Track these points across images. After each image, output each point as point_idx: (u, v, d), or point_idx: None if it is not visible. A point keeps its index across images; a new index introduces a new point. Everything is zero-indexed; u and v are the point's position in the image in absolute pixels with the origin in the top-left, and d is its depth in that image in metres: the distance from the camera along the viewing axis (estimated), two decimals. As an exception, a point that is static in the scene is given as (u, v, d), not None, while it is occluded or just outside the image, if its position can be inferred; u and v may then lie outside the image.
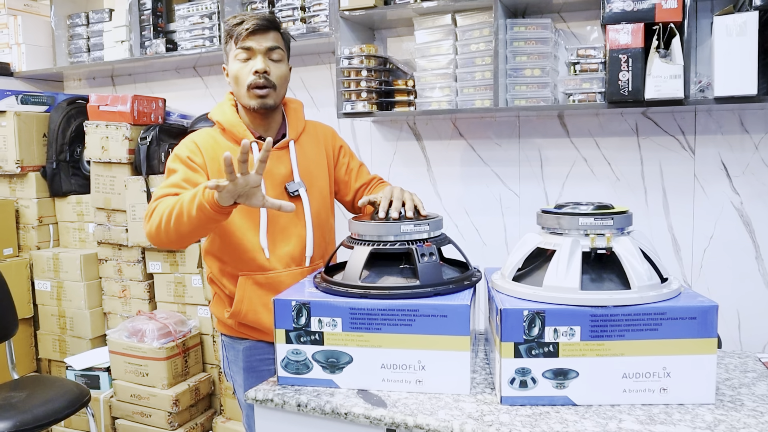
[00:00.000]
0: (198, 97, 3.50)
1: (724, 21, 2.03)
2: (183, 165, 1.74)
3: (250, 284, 1.79)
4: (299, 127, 1.91)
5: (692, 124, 2.44)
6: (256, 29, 1.73)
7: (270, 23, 1.76)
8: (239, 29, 1.73)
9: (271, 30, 1.77)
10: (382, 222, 1.51)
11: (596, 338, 1.26)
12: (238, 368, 1.90)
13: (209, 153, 1.77)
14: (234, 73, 1.77)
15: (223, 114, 1.85)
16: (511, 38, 2.43)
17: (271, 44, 1.76)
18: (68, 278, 3.30)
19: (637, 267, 1.29)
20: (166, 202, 1.61)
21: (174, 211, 1.55)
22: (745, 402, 1.29)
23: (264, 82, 1.74)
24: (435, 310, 1.33)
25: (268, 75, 1.75)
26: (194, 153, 1.76)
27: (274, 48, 1.76)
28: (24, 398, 2.51)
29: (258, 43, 1.74)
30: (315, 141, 1.94)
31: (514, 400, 1.29)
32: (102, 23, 3.55)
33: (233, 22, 1.76)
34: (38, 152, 3.41)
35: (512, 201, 2.77)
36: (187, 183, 1.69)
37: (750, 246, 2.40)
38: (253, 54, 1.75)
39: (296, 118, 1.92)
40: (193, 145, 1.78)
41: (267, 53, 1.76)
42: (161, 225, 1.58)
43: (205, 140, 1.80)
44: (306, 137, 1.92)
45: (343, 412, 1.30)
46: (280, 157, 1.83)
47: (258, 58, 1.74)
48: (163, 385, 2.91)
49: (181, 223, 1.54)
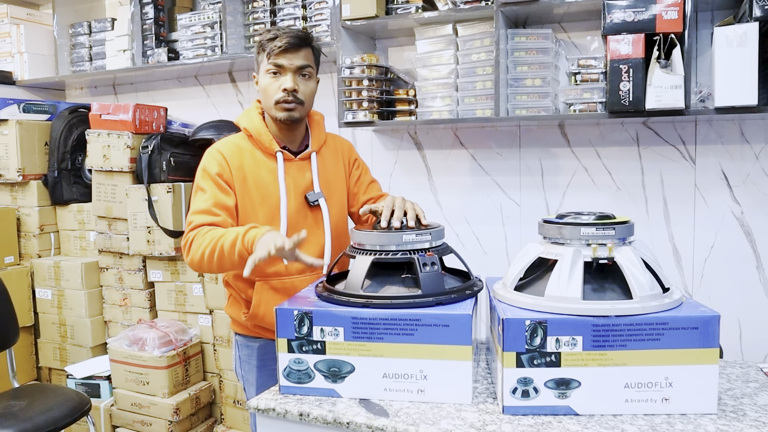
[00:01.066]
0: (199, 106, 3.51)
1: (725, 32, 2.04)
2: (213, 184, 1.80)
3: (267, 289, 1.84)
4: (321, 140, 1.96)
5: (693, 134, 2.45)
6: (289, 47, 1.77)
7: (302, 41, 1.80)
8: (272, 45, 1.77)
9: (303, 47, 1.81)
10: (384, 231, 1.51)
11: (598, 348, 1.26)
12: (251, 366, 1.94)
13: (235, 163, 1.82)
14: (264, 86, 1.82)
15: (251, 121, 1.89)
16: (512, 48, 2.43)
17: (301, 63, 1.80)
18: (69, 286, 3.30)
19: (639, 277, 1.29)
20: (203, 238, 1.70)
21: (216, 254, 1.66)
22: (747, 412, 1.29)
23: (292, 99, 1.80)
24: (437, 319, 1.33)
25: (297, 93, 1.80)
26: (222, 167, 1.81)
27: (304, 66, 1.81)
28: (24, 407, 2.50)
29: (289, 60, 1.78)
30: (334, 153, 2.00)
31: (516, 410, 1.29)
32: (104, 32, 3.56)
33: (267, 37, 1.80)
34: (40, 161, 3.42)
35: (513, 210, 2.78)
36: (217, 207, 1.77)
37: (751, 256, 2.40)
38: (283, 71, 1.79)
39: (319, 131, 1.97)
40: (220, 156, 1.83)
41: (297, 71, 1.80)
42: (203, 261, 1.69)
43: (231, 150, 1.85)
44: (326, 149, 1.98)
45: (345, 421, 1.30)
46: (302, 167, 1.89)
47: (288, 76, 1.79)
48: (163, 393, 2.90)
49: (223, 264, 1.67)
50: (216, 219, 1.75)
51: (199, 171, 1.85)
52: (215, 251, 1.65)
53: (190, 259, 1.74)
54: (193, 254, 1.72)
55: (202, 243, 1.69)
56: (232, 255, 1.63)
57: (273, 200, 1.82)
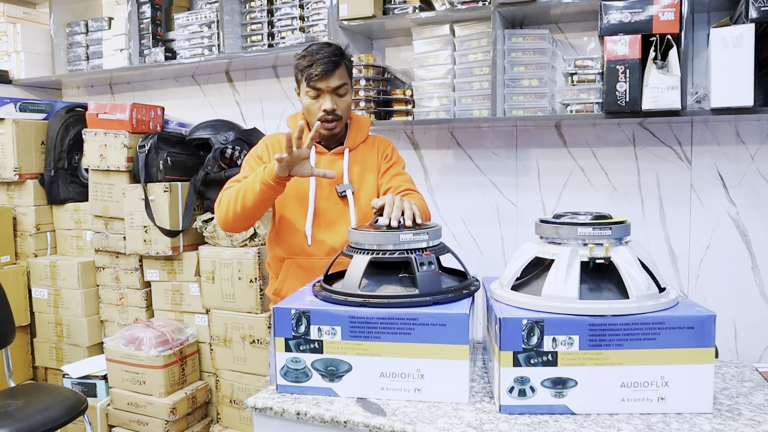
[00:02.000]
0: (196, 105, 3.51)
1: (721, 33, 2.05)
2: (253, 162, 2.05)
3: (294, 266, 2.05)
4: (358, 139, 2.13)
5: (689, 134, 2.46)
6: (325, 73, 1.95)
7: (335, 64, 1.97)
8: (309, 72, 1.95)
9: (337, 68, 1.98)
10: (381, 231, 1.52)
11: (595, 347, 1.26)
12: None
13: (275, 148, 2.07)
14: (306, 105, 2.03)
15: (294, 121, 2.12)
16: (509, 48, 2.44)
17: (337, 83, 1.98)
18: (65, 286, 3.30)
19: (636, 277, 1.30)
20: (231, 189, 1.95)
21: (240, 192, 1.88)
22: (742, 411, 1.29)
23: (332, 118, 2.00)
24: (434, 319, 1.33)
25: (336, 111, 1.99)
26: (264, 151, 2.07)
27: (340, 86, 1.99)
28: (21, 406, 2.50)
29: (326, 84, 1.96)
30: (371, 151, 2.14)
31: (513, 409, 1.29)
32: (101, 31, 3.56)
33: (303, 64, 1.97)
34: (36, 160, 3.42)
35: (509, 210, 2.78)
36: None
37: (746, 256, 2.41)
38: (322, 93, 1.98)
39: (357, 131, 2.14)
40: (263, 145, 2.10)
41: (333, 91, 1.98)
42: (229, 206, 1.91)
43: (274, 139, 2.11)
44: (364, 147, 2.13)
45: (343, 420, 1.30)
46: (335, 161, 2.07)
47: (326, 98, 1.98)
48: (160, 393, 2.90)
49: (246, 199, 1.87)
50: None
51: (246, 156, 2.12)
52: (240, 191, 1.88)
53: (218, 213, 1.97)
54: (220, 208, 1.95)
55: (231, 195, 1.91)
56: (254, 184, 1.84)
57: (303, 188, 2.02)
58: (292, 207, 2.04)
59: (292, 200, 2.04)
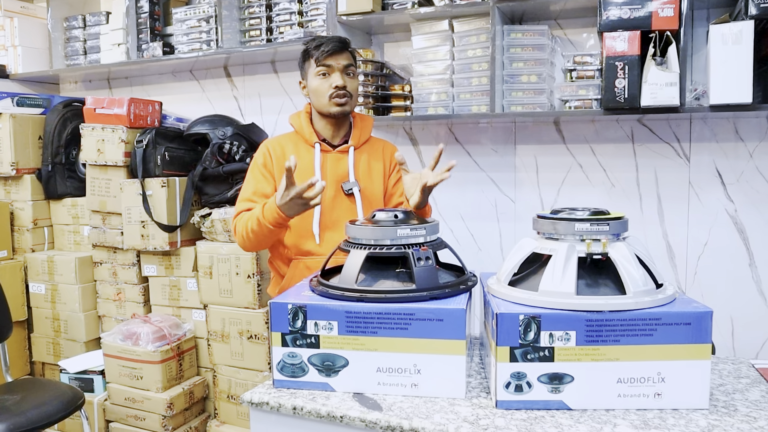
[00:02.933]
0: (194, 100, 3.50)
1: (720, 29, 2.05)
2: (257, 173, 2.08)
3: (302, 267, 2.06)
4: (362, 138, 2.16)
5: (687, 131, 2.46)
6: (335, 50, 2.01)
7: (344, 45, 2.05)
8: (319, 51, 2.01)
9: (345, 50, 2.05)
10: (378, 226, 1.51)
11: (591, 343, 1.26)
12: None
13: (277, 152, 2.09)
14: (315, 87, 2.05)
15: (297, 119, 2.15)
16: (508, 44, 2.44)
17: (347, 62, 2.04)
18: (63, 281, 3.29)
19: (633, 273, 1.30)
20: (241, 221, 2.00)
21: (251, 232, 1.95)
22: (738, 407, 1.29)
23: (343, 93, 2.03)
24: (431, 314, 1.33)
25: (347, 88, 2.03)
26: (266, 157, 2.09)
27: (349, 65, 2.05)
28: (18, 401, 2.49)
29: (336, 61, 2.02)
30: (376, 153, 2.18)
31: (510, 404, 1.29)
32: (99, 26, 3.55)
33: (312, 45, 2.04)
34: (34, 154, 3.41)
35: (508, 206, 2.78)
36: (256, 195, 2.05)
37: (744, 253, 2.41)
38: (332, 70, 2.03)
39: (362, 129, 2.17)
40: (265, 149, 2.11)
41: (344, 69, 2.03)
42: (246, 240, 1.99)
43: (275, 143, 2.12)
44: (368, 147, 2.17)
45: (339, 415, 1.30)
46: (340, 159, 2.10)
47: (336, 74, 2.02)
48: (157, 388, 2.90)
49: (260, 238, 1.96)
50: (254, 206, 2.00)
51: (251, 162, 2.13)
52: (250, 231, 1.95)
53: (239, 240, 2.03)
54: (238, 238, 2.02)
55: (247, 223, 1.97)
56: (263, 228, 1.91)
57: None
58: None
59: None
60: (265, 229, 1.90)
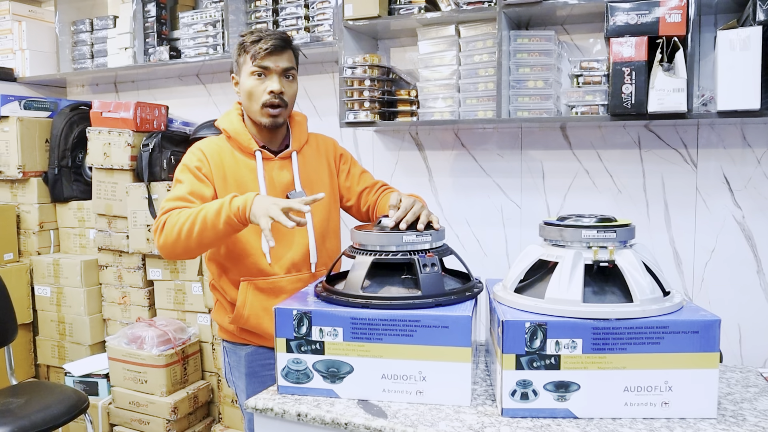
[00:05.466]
0: (201, 104, 3.50)
1: (728, 35, 2.04)
2: (191, 175, 1.80)
3: (252, 289, 1.83)
4: (302, 140, 1.96)
5: (695, 137, 2.44)
6: (274, 50, 1.78)
7: (286, 43, 1.82)
8: (256, 48, 1.78)
9: (287, 50, 1.82)
10: (384, 232, 1.51)
11: (598, 351, 1.25)
12: (240, 374, 1.92)
13: (215, 159, 1.83)
14: (248, 89, 1.82)
15: (230, 123, 1.90)
16: (515, 50, 2.43)
17: (286, 65, 1.82)
18: (68, 284, 3.30)
19: (640, 280, 1.29)
20: (177, 216, 1.68)
21: (196, 224, 1.63)
22: (747, 417, 1.28)
23: (278, 102, 1.81)
24: (436, 320, 1.33)
25: (283, 95, 1.82)
26: (202, 161, 1.82)
27: (289, 68, 1.83)
28: (22, 404, 2.50)
29: (275, 63, 1.79)
30: (317, 152, 2.00)
31: (515, 413, 1.28)
32: (106, 30, 3.56)
33: (250, 39, 1.80)
34: (40, 158, 3.42)
35: (514, 212, 2.77)
36: (193, 195, 1.76)
37: (752, 260, 2.39)
38: (269, 72, 1.80)
39: (300, 131, 1.97)
40: (200, 153, 1.84)
41: (282, 73, 1.82)
42: (180, 237, 1.65)
43: (211, 148, 1.86)
44: (308, 149, 1.98)
45: (344, 422, 1.29)
46: (282, 166, 1.89)
47: (274, 78, 1.80)
48: (161, 392, 2.90)
49: (205, 235, 1.63)
50: (190, 206, 1.72)
51: (178, 167, 1.85)
52: (195, 224, 1.63)
53: (162, 240, 1.70)
54: (166, 235, 1.68)
55: (177, 221, 1.66)
56: (217, 224, 1.61)
57: None
58: None
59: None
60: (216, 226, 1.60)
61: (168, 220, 1.69)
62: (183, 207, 1.72)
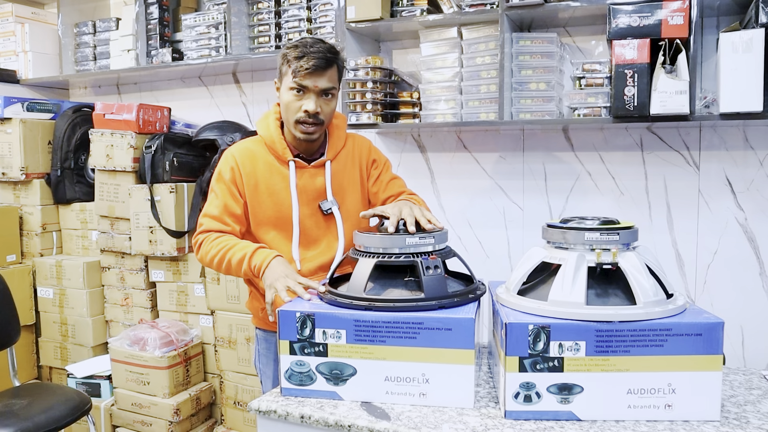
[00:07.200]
0: (203, 106, 3.51)
1: (731, 37, 2.04)
2: (224, 187, 1.88)
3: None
4: (338, 147, 1.95)
5: (697, 139, 2.44)
6: (315, 70, 1.75)
7: (329, 63, 1.78)
8: (298, 65, 1.76)
9: (329, 68, 1.79)
10: (387, 234, 1.51)
11: (601, 353, 1.25)
12: (268, 360, 1.99)
13: (247, 169, 1.87)
14: (286, 102, 1.82)
15: (266, 129, 1.91)
16: (517, 52, 2.43)
17: (326, 85, 1.79)
18: (71, 285, 3.30)
19: (643, 283, 1.29)
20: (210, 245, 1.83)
21: (223, 264, 1.80)
22: (750, 419, 1.28)
23: (312, 121, 1.80)
24: (439, 323, 1.33)
25: (319, 115, 1.80)
26: (234, 171, 1.87)
27: (328, 89, 1.80)
28: (25, 405, 2.50)
29: (314, 82, 1.77)
30: (351, 157, 1.99)
31: (519, 415, 1.29)
32: (109, 32, 3.56)
33: (294, 54, 1.77)
34: (43, 159, 3.42)
35: (516, 214, 2.77)
36: (228, 216, 1.86)
37: (754, 262, 2.39)
38: (307, 91, 1.79)
39: (337, 138, 1.96)
40: (233, 161, 1.88)
41: (320, 93, 1.80)
42: (212, 265, 1.83)
43: (245, 155, 1.89)
44: (344, 154, 1.97)
45: (347, 424, 1.29)
46: (315, 174, 1.91)
47: (311, 98, 1.78)
48: (164, 394, 2.90)
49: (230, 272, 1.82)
50: (225, 228, 1.85)
51: (215, 172, 1.92)
52: (223, 262, 1.79)
53: (200, 258, 1.87)
54: (202, 256, 1.85)
55: (211, 249, 1.81)
56: (239, 271, 1.78)
57: (285, 207, 1.87)
58: (275, 231, 1.89)
59: (273, 223, 1.89)
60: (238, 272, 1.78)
61: (203, 244, 1.85)
62: (217, 231, 1.85)
